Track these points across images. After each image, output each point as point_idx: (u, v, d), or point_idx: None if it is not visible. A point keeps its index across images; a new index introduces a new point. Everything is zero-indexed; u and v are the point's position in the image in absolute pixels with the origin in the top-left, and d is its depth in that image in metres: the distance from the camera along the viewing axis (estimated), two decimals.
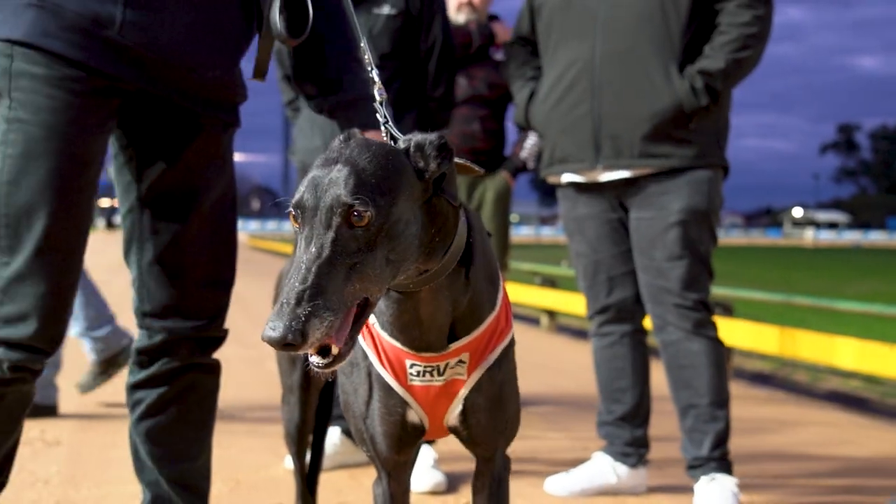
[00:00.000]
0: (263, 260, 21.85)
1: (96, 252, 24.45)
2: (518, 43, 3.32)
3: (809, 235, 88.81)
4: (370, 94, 1.72)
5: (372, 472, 3.21)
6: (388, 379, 1.57)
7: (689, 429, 2.94)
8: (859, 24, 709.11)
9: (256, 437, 3.81)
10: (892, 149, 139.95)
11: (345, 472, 3.31)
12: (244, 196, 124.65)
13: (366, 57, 1.79)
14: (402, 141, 1.41)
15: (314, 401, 2.38)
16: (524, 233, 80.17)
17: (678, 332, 2.94)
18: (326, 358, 1.25)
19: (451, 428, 1.64)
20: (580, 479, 3.11)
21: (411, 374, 1.56)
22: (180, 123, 1.97)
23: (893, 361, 4.44)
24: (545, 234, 78.65)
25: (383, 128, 1.64)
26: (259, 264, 19.77)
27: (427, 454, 3.15)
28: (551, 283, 8.96)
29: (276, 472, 3.28)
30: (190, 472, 2.13)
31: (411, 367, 1.55)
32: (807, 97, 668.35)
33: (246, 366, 5.75)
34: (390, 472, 1.67)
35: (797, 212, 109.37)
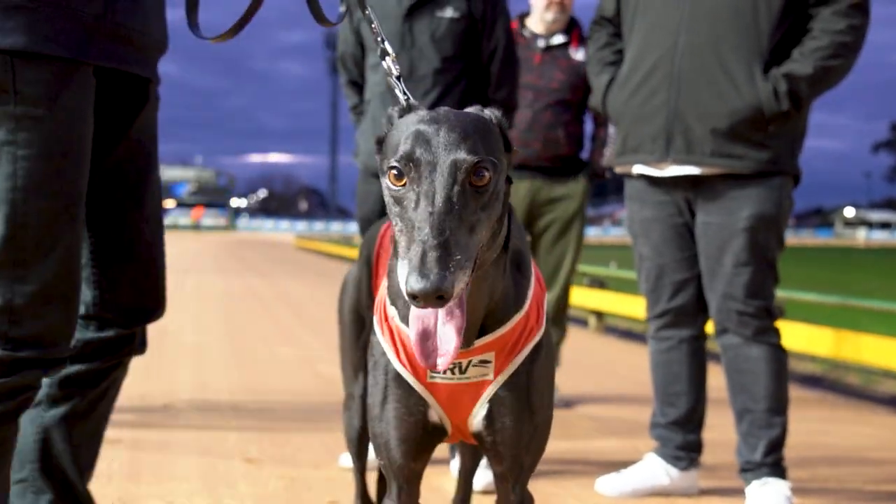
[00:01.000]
0: (311, 261, 22.01)
1: None
2: (600, 23, 3.25)
3: (862, 235, 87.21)
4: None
5: (441, 469, 3.26)
6: (407, 376, 1.52)
7: (745, 433, 2.93)
8: None
9: (310, 435, 3.87)
10: None
11: None
12: (292, 197, 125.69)
13: (377, 35, 1.76)
14: (486, 112, 1.41)
15: None
16: None
17: (737, 337, 2.92)
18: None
19: (474, 434, 1.58)
20: (632, 479, 3.12)
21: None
22: (135, 94, 1.91)
23: None
24: (592, 234, 78.19)
25: (403, 102, 1.59)
26: (307, 265, 19.95)
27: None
28: (600, 283, 8.93)
29: (331, 470, 3.33)
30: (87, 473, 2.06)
31: None
32: (858, 95, 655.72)
33: (299, 365, 5.82)
34: (402, 484, 1.60)
35: (849, 211, 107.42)
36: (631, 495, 3.10)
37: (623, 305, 7.93)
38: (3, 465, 1.76)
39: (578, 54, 4.45)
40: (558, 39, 4.50)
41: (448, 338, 1.27)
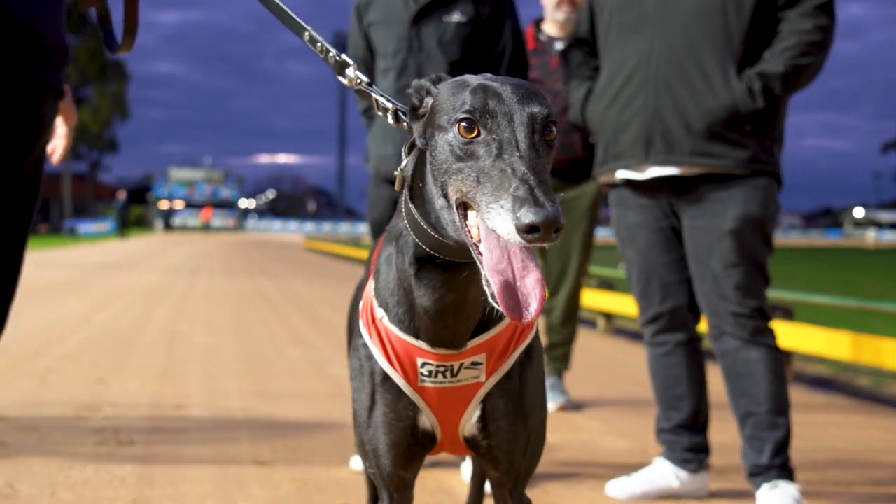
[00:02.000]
0: (319, 262, 22.04)
1: (156, 254, 24.76)
2: (576, 45, 3.36)
3: (871, 236, 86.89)
4: None
5: (432, 472, 3.28)
6: (397, 379, 1.49)
7: (749, 436, 2.95)
8: None
9: (321, 437, 3.89)
10: None
11: None
12: (300, 197, 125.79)
13: (318, 44, 1.77)
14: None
15: None
16: None
17: (735, 340, 2.94)
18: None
19: (468, 439, 1.55)
20: (642, 483, 3.13)
21: (422, 373, 1.48)
22: (30, 94, 1.66)
23: None
24: (601, 235, 78.01)
25: (387, 105, 1.62)
26: (315, 266, 19.98)
27: None
28: (608, 285, 8.93)
29: (342, 472, 3.35)
30: None
31: (423, 365, 1.48)
32: (867, 95, 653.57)
33: (309, 367, 5.84)
34: (393, 493, 1.57)
35: (858, 212, 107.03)
36: (641, 498, 3.11)
37: (632, 307, 7.90)
38: None
39: None
40: None
41: (532, 289, 1.23)
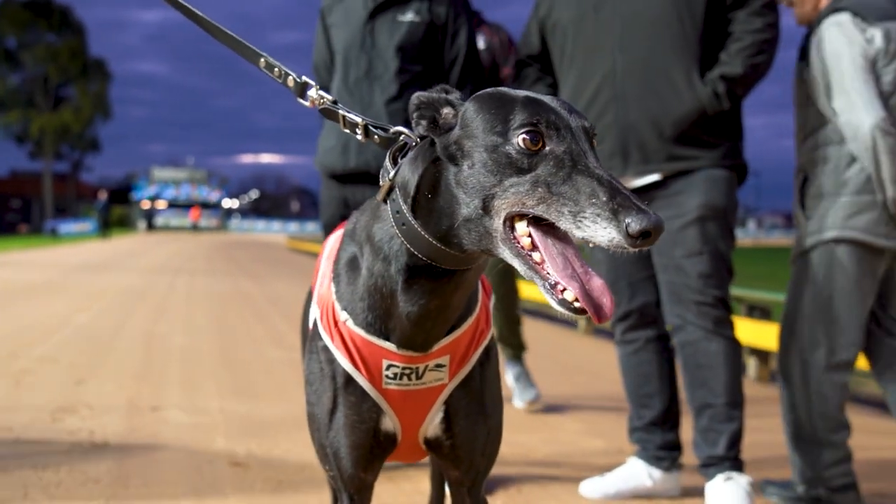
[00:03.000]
0: (302, 261, 22.00)
1: (138, 254, 24.62)
2: (527, 62, 3.36)
3: None
4: None
5: (407, 474, 3.29)
6: (361, 381, 1.50)
7: (704, 428, 2.97)
8: None
9: (297, 438, 3.89)
10: None
11: (383, 475, 3.38)
12: (284, 197, 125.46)
13: (275, 69, 1.76)
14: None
15: None
16: None
17: (698, 331, 2.96)
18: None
19: (430, 441, 1.57)
20: (615, 482, 3.15)
21: (387, 376, 1.49)
22: None
23: None
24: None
25: (343, 114, 1.63)
26: (298, 266, 19.92)
27: None
28: None
29: (317, 473, 3.35)
30: None
31: (388, 368, 1.49)
32: None
33: (288, 368, 5.84)
34: (353, 495, 1.58)
35: None
36: (615, 498, 3.13)
37: None
38: None
39: None
40: None
41: (602, 289, 1.27)
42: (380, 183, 1.50)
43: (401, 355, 1.49)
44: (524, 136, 1.27)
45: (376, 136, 1.59)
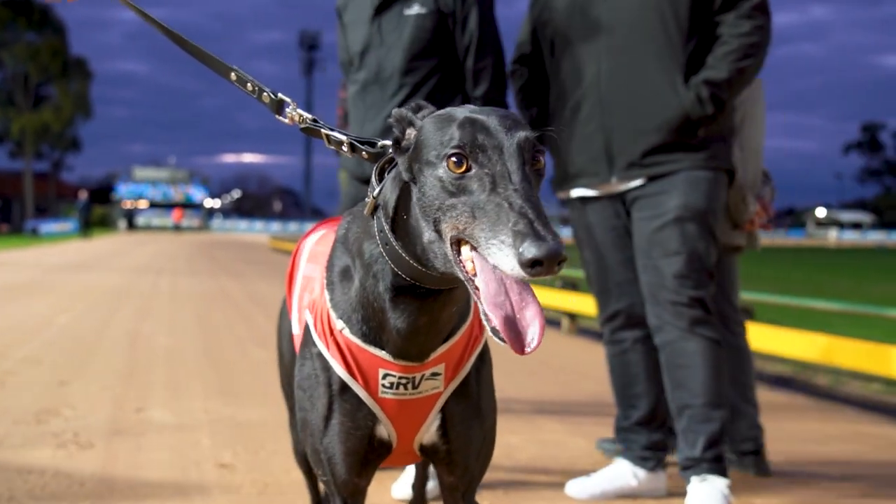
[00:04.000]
0: (285, 262, 21.89)
1: (120, 254, 24.44)
2: (520, 61, 3.36)
3: (833, 236, 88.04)
4: None
5: (394, 476, 3.29)
6: (357, 389, 1.50)
7: (684, 429, 2.97)
8: (885, 22, 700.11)
9: (283, 439, 3.88)
10: None
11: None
12: (266, 197, 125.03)
13: (248, 84, 1.73)
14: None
15: None
16: None
17: (675, 330, 2.96)
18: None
19: (427, 447, 1.57)
20: (600, 482, 3.16)
21: (383, 385, 1.50)
22: None
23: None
24: (565, 235, 78.20)
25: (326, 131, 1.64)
26: (281, 266, 19.86)
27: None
28: (572, 285, 8.99)
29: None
30: None
31: (384, 377, 1.49)
32: (830, 96, 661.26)
33: (273, 368, 5.82)
34: (347, 499, 1.58)
35: (820, 212, 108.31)
36: (600, 498, 3.14)
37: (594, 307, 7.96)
38: None
39: None
40: None
41: (531, 320, 1.24)
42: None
43: (397, 364, 1.49)
44: (451, 158, 1.27)
45: (364, 153, 1.59)
